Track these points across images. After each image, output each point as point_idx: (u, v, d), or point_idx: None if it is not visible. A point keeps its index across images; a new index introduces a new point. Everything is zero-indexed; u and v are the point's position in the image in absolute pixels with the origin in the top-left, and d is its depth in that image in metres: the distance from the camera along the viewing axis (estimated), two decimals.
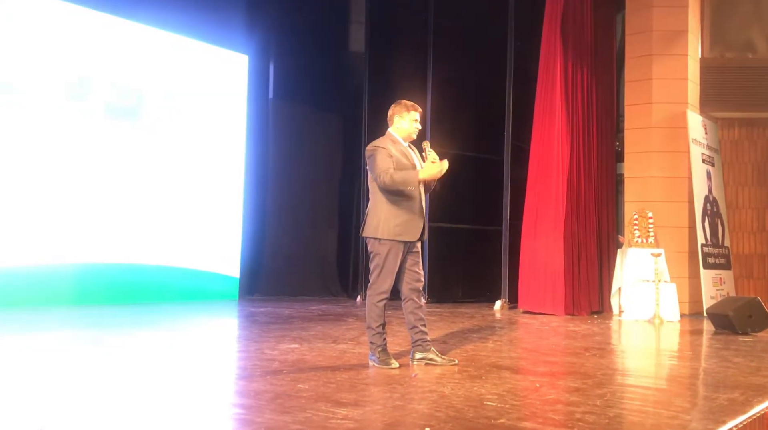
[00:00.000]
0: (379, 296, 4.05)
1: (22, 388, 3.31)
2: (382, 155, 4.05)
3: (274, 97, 9.76)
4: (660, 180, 8.44)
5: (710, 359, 4.93)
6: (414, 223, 4.08)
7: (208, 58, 8.80)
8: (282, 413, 2.86)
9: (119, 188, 7.84)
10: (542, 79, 7.98)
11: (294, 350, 4.60)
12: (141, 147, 8.06)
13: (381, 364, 4.02)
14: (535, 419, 2.94)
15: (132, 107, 7.98)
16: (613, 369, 4.42)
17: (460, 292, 9.22)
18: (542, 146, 7.88)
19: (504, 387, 3.52)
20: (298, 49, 9.68)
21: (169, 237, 8.26)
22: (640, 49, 8.59)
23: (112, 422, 2.73)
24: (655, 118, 8.49)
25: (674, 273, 7.89)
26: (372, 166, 4.07)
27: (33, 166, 7.19)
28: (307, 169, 9.76)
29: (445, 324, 6.44)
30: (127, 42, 7.98)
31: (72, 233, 7.43)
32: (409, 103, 4.22)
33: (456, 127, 9.12)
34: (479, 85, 9.20)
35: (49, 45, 7.35)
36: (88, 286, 7.56)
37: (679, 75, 8.51)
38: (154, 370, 3.98)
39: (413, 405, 3.08)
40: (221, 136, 8.89)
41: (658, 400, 3.42)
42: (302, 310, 7.60)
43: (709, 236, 8.44)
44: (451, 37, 9.18)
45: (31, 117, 7.17)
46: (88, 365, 4.01)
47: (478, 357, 4.51)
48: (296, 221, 9.63)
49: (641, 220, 8.01)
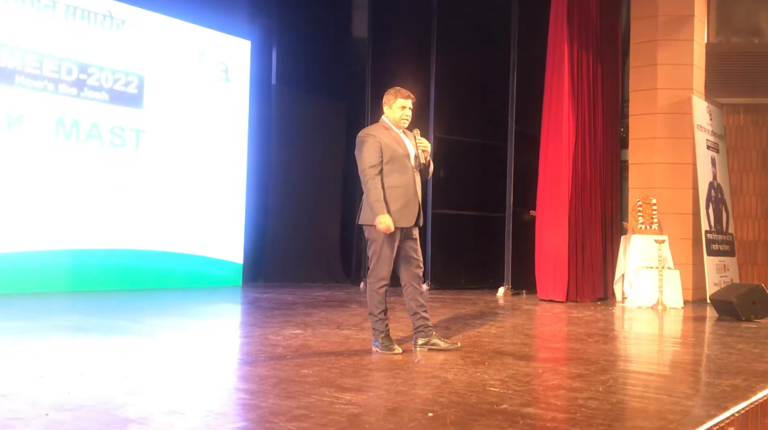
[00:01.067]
0: (378, 282, 4.05)
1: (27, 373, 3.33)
2: (370, 146, 4.01)
3: (277, 82, 9.73)
4: (664, 166, 8.40)
5: (713, 346, 4.93)
6: (409, 208, 4.05)
7: (211, 44, 8.76)
8: (286, 398, 2.87)
9: (123, 175, 7.84)
10: (550, 66, 7.91)
11: (297, 336, 4.62)
12: (144, 133, 8.05)
13: (384, 350, 4.03)
14: (537, 404, 2.94)
15: (134, 94, 7.96)
16: (615, 355, 4.43)
17: (463, 278, 9.23)
18: (552, 134, 7.84)
19: (507, 373, 3.52)
20: (301, 34, 9.65)
21: (172, 223, 8.27)
22: (646, 34, 8.52)
23: (116, 406, 2.75)
24: (660, 103, 8.44)
25: (678, 260, 7.88)
26: (359, 156, 4.05)
27: (39, 153, 7.19)
28: (310, 155, 9.76)
29: (448, 310, 6.45)
30: (129, 27, 7.95)
31: (77, 219, 7.45)
32: (396, 91, 4.14)
33: (459, 113, 9.09)
34: (483, 70, 9.16)
35: (52, 31, 7.32)
36: (91, 271, 7.58)
37: (684, 60, 8.44)
38: (158, 355, 4.00)
39: (416, 390, 3.09)
40: (224, 122, 8.87)
41: (661, 386, 3.43)
42: (305, 296, 7.62)
43: (713, 222, 8.42)
44: (454, 23, 9.12)
45: (35, 104, 7.16)
46: (91, 351, 4.03)
47: (481, 343, 4.52)
48: (299, 207, 9.63)
49: (645, 206, 7.99)
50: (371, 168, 3.99)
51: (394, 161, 4.04)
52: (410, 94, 4.16)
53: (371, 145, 4.02)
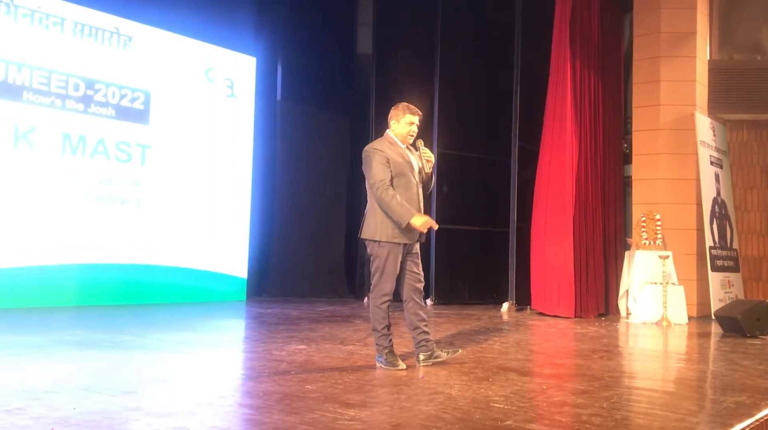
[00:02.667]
0: (381, 298, 4.06)
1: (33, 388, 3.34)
2: (378, 161, 4.03)
3: (282, 98, 9.80)
4: (668, 182, 8.42)
5: (718, 362, 4.92)
6: None
7: (217, 60, 8.84)
8: (290, 414, 2.88)
9: (128, 189, 7.88)
10: (553, 84, 7.96)
11: (302, 351, 4.62)
12: (150, 149, 8.10)
13: (388, 365, 4.03)
14: (542, 421, 2.94)
15: (141, 110, 8.02)
16: (620, 372, 4.42)
17: (467, 293, 9.22)
18: (552, 150, 7.87)
19: (511, 389, 3.52)
20: (306, 50, 9.72)
21: (177, 238, 8.30)
22: (648, 51, 8.57)
23: (120, 421, 2.76)
24: (663, 120, 8.47)
25: (682, 275, 7.87)
26: (367, 171, 4.06)
27: (46, 167, 7.24)
28: (315, 171, 9.79)
29: (451, 325, 6.44)
30: (136, 44, 8.03)
31: (80, 233, 7.48)
32: (406, 107, 4.17)
33: (463, 129, 9.13)
34: (486, 86, 9.21)
35: (59, 46, 7.40)
36: (97, 285, 7.60)
37: (687, 77, 8.49)
38: (163, 370, 4.00)
39: (420, 406, 3.10)
40: (229, 138, 8.92)
41: (665, 403, 3.42)
42: (310, 311, 7.62)
43: (717, 238, 8.41)
44: (458, 39, 9.19)
45: (43, 120, 7.22)
46: (96, 365, 4.04)
47: (485, 359, 4.51)
48: (304, 221, 9.66)
49: (649, 222, 7.99)
50: (382, 181, 3.99)
51: (399, 177, 4.06)
52: (418, 111, 4.18)
53: (379, 160, 4.04)
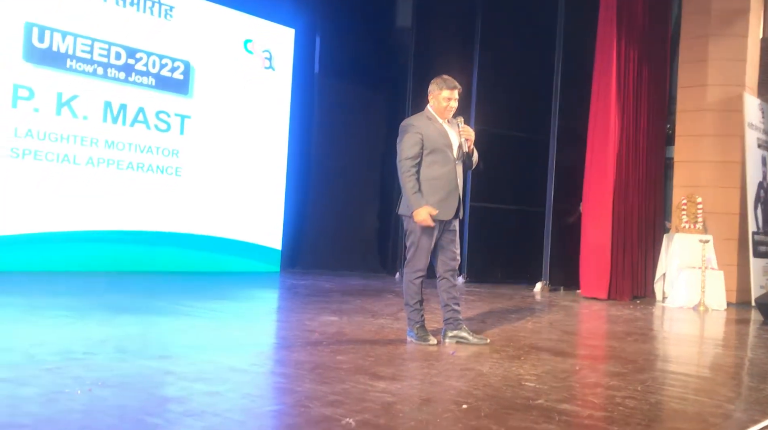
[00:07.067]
0: (415, 273, 4.04)
1: (73, 349, 3.43)
2: (410, 138, 3.98)
3: (320, 71, 9.77)
4: (711, 164, 8.19)
5: (757, 349, 4.81)
6: (449, 201, 4.01)
7: (256, 32, 8.84)
8: (321, 384, 2.90)
9: (167, 158, 7.99)
10: (599, 65, 7.74)
11: (333, 323, 4.65)
12: (188, 118, 8.18)
13: (419, 340, 4.03)
14: (574, 401, 2.91)
15: (180, 80, 8.08)
16: (654, 355, 4.35)
17: (500, 272, 9.16)
18: (598, 132, 7.71)
19: (543, 368, 3.49)
20: (345, 23, 9.65)
21: (213, 208, 8.40)
22: (697, 29, 8.30)
23: (155, 384, 2.81)
24: (710, 100, 8.22)
25: (722, 260, 7.69)
26: (399, 146, 4.03)
27: (88, 135, 7.37)
28: (351, 145, 9.78)
29: (483, 304, 6.42)
30: (177, 14, 8.07)
31: (119, 200, 7.63)
32: (444, 80, 4.07)
33: (502, 106, 8.99)
34: (527, 64, 9.04)
35: (101, 14, 7.47)
36: (134, 253, 7.75)
37: (736, 56, 8.20)
38: (198, 337, 4.07)
39: (451, 382, 3.09)
40: (267, 110, 8.95)
41: (701, 388, 3.36)
42: (342, 284, 7.67)
43: (761, 223, 8.19)
44: (499, 15, 9.02)
45: (85, 88, 7.34)
46: (131, 329, 4.13)
47: (517, 337, 4.48)
48: (338, 196, 9.68)
49: (690, 205, 7.81)
50: (408, 160, 3.97)
51: (435, 152, 4.01)
52: (457, 84, 4.08)
53: (412, 137, 4.00)
